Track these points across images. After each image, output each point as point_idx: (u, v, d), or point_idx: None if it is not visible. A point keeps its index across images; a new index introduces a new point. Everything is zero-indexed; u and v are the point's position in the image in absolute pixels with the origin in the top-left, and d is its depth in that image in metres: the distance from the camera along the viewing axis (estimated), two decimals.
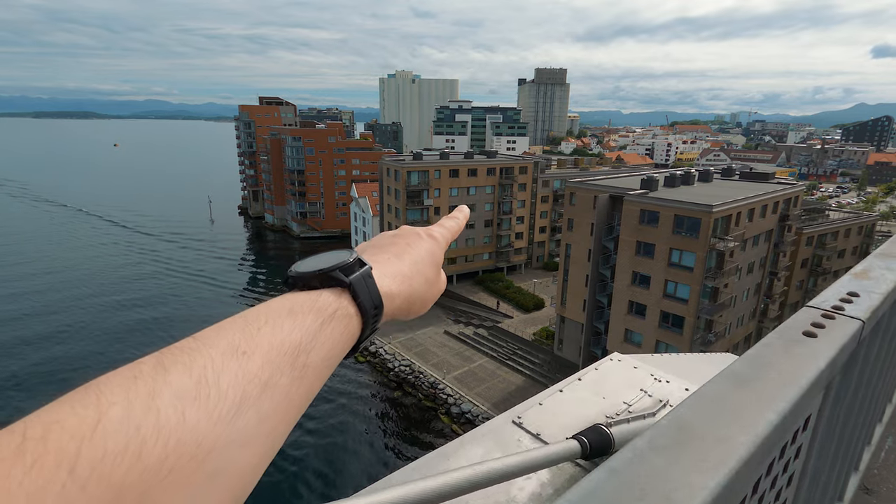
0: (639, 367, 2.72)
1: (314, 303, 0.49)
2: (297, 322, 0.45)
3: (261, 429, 0.37)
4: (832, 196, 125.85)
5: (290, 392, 0.41)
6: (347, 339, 0.51)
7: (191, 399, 0.33)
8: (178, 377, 0.34)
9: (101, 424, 0.29)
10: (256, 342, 0.40)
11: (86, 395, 0.31)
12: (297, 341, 0.43)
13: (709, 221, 30.91)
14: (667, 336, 33.93)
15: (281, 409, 0.39)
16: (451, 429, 38.95)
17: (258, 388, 0.38)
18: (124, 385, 0.32)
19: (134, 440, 0.29)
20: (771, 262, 40.63)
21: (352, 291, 0.53)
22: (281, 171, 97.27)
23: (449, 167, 57.69)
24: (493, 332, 50.27)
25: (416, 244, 0.68)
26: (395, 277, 0.61)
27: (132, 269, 72.88)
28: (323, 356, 0.46)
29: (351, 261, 0.55)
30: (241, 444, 0.35)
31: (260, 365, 0.39)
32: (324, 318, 0.48)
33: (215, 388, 0.35)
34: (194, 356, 0.36)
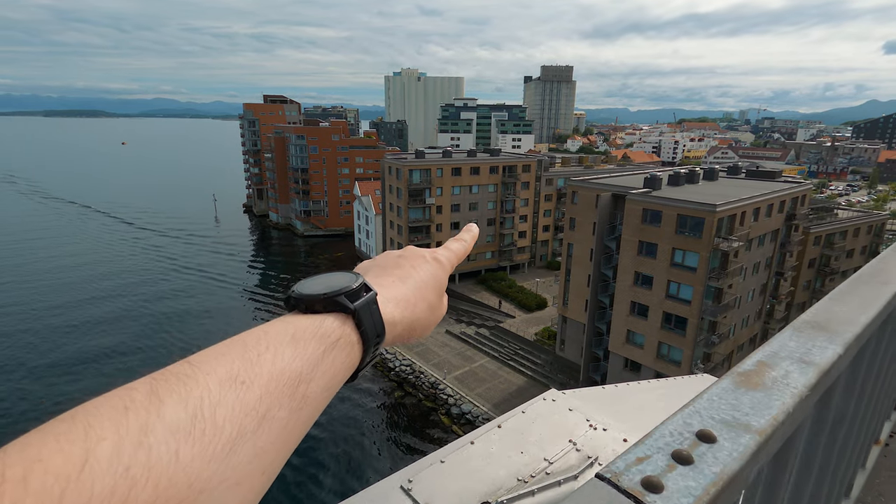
0: (575, 408, 2.34)
1: (317, 329, 0.47)
2: (298, 350, 0.43)
3: (255, 465, 0.35)
4: (842, 194, 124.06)
5: (287, 424, 0.39)
6: (348, 367, 0.50)
7: (185, 435, 0.31)
8: (173, 410, 0.31)
9: (88, 464, 0.26)
10: (256, 371, 0.38)
11: (73, 428, 0.28)
12: (298, 371, 0.42)
13: (712, 221, 30.33)
14: (669, 337, 33.42)
15: (278, 442, 0.37)
16: (452, 429, 38.67)
17: (255, 421, 0.35)
18: (114, 417, 0.29)
19: (123, 482, 0.27)
20: (777, 263, 39.92)
21: (356, 318, 0.51)
22: (285, 170, 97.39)
23: (451, 165, 57.29)
24: (495, 332, 49.91)
25: (420, 267, 0.66)
26: (399, 303, 0.59)
27: (137, 264, 73.39)
28: (323, 386, 0.44)
29: (356, 287, 0.53)
30: (234, 482, 0.33)
31: (259, 396, 0.37)
32: (326, 346, 0.46)
33: (211, 422, 0.33)
34: (190, 385, 0.34)
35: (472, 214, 60.21)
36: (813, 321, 0.93)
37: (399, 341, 0.61)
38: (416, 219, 57.16)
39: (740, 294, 35.42)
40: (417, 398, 42.53)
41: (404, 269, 0.65)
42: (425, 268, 0.67)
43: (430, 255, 0.71)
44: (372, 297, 0.53)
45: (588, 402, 2.49)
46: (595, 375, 39.34)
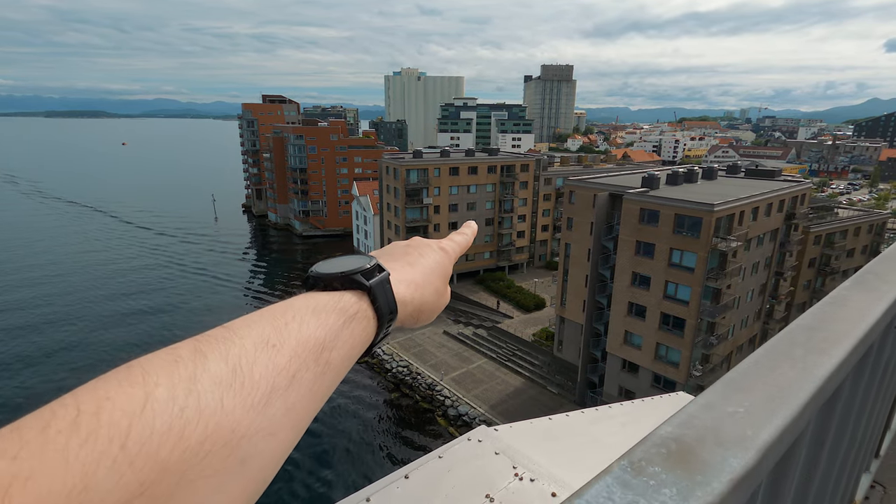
0: (504, 451, 2.00)
1: (336, 303, 0.51)
2: (321, 320, 0.47)
3: (287, 419, 0.39)
4: (843, 193, 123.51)
5: (313, 386, 0.43)
6: (364, 340, 0.54)
7: (227, 386, 0.35)
8: (216, 364, 0.36)
9: (148, 403, 0.30)
10: (284, 336, 0.42)
11: (131, 374, 0.32)
12: (322, 338, 0.46)
13: (710, 221, 29.98)
14: (667, 338, 33.08)
15: (305, 401, 0.42)
16: (448, 431, 38.38)
17: (286, 380, 0.40)
18: (166, 368, 0.34)
19: (178, 421, 0.31)
20: (777, 262, 39.55)
21: (371, 295, 0.55)
22: (284, 170, 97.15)
23: (449, 165, 56.97)
24: (493, 333, 49.60)
25: (427, 255, 0.71)
26: (409, 285, 0.63)
27: (137, 264, 73.31)
28: (343, 355, 0.48)
29: (370, 266, 0.57)
30: (269, 432, 0.37)
31: (288, 358, 0.41)
32: (345, 318, 0.50)
33: (249, 377, 0.37)
34: (229, 345, 0.38)
35: (471, 214, 59.86)
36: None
37: (408, 322, 0.66)
38: (414, 219, 56.87)
39: (739, 294, 35.06)
40: (414, 399, 42.24)
41: (412, 255, 0.70)
42: (432, 255, 0.72)
43: (436, 245, 0.76)
44: (385, 277, 0.58)
45: (525, 439, 2.15)
46: (593, 376, 39.04)
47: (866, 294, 1.00)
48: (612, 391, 36.89)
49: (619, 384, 36.45)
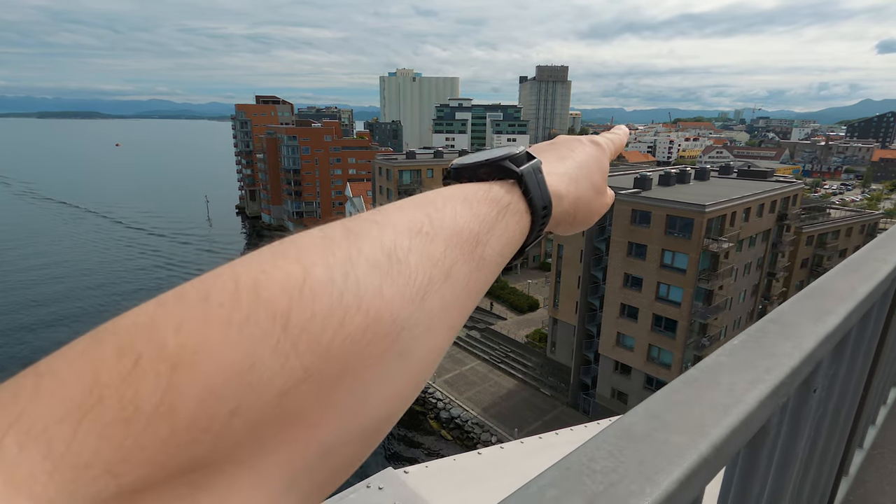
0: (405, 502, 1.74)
1: (487, 193, 0.44)
2: (473, 210, 0.41)
3: (443, 317, 0.34)
4: (836, 193, 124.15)
5: (468, 283, 0.38)
6: (519, 236, 0.46)
7: (384, 273, 0.30)
8: (370, 248, 0.31)
9: (307, 284, 0.27)
10: (437, 225, 0.37)
11: (284, 250, 0.29)
12: (476, 231, 0.40)
13: (702, 222, 29.89)
14: (659, 340, 32.96)
15: (460, 299, 0.37)
16: (441, 434, 38.14)
17: (442, 273, 0.35)
18: (320, 249, 0.29)
19: (338, 306, 0.27)
20: (769, 263, 39.55)
21: (522, 185, 0.47)
22: (277, 171, 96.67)
23: (442, 166, 56.56)
24: (486, 335, 49.38)
25: (579, 149, 0.61)
26: (562, 177, 0.54)
27: (130, 265, 72.78)
28: (497, 251, 0.42)
29: (519, 153, 0.49)
30: (426, 327, 0.32)
31: (443, 250, 0.36)
32: (498, 209, 0.43)
33: (406, 265, 0.32)
34: (382, 230, 0.33)
35: None
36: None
37: (565, 222, 0.56)
38: None
39: (731, 295, 35.01)
40: None
41: (562, 150, 0.60)
42: (584, 149, 0.62)
43: (587, 139, 0.65)
44: (537, 165, 0.49)
45: (440, 483, 1.88)
46: (586, 378, 38.87)
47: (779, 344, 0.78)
48: (605, 393, 36.74)
49: (612, 386, 36.30)
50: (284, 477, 0.24)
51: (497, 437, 35.97)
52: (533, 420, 37.67)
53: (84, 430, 0.19)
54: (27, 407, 0.19)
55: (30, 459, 0.18)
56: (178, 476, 0.20)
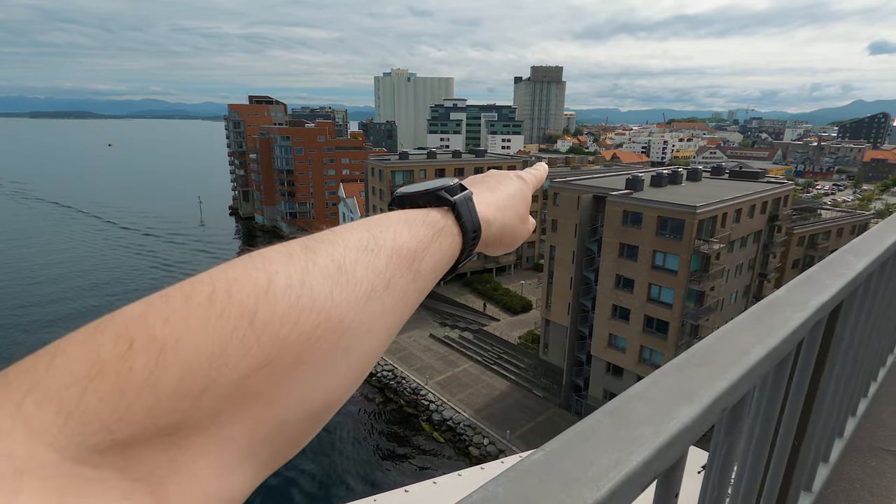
0: None
1: (425, 217, 0.53)
2: (412, 231, 0.49)
3: (383, 319, 0.42)
4: (828, 194, 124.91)
5: (405, 293, 0.45)
6: (451, 255, 0.54)
7: (334, 281, 0.38)
8: (324, 261, 0.39)
9: (270, 289, 0.33)
10: (381, 244, 0.45)
11: (254, 261, 0.36)
12: (413, 248, 0.47)
13: (693, 223, 29.87)
14: (651, 341, 32.91)
15: (398, 306, 0.44)
16: (433, 437, 37.92)
17: (383, 283, 0.42)
18: (282, 260, 0.37)
19: (295, 307, 0.34)
20: (760, 264, 39.63)
21: (455, 211, 0.56)
22: (270, 171, 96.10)
23: (434, 166, 56.62)
24: (479, 336, 49.22)
25: (506, 182, 0.71)
26: (490, 206, 0.64)
27: (122, 265, 72.10)
28: (431, 267, 0.50)
29: (453, 184, 0.59)
30: (368, 328, 0.39)
31: (385, 264, 0.43)
32: (434, 231, 0.52)
33: (352, 275, 0.40)
34: (335, 246, 0.41)
35: None
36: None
37: (492, 245, 0.65)
38: None
39: (723, 296, 35.03)
40: (399, 404, 41.73)
41: (491, 182, 0.70)
42: (511, 183, 0.72)
43: (514, 174, 0.75)
44: (469, 195, 0.59)
45: None
46: (578, 380, 38.79)
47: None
48: (598, 394, 36.67)
49: (604, 387, 36.23)
50: (245, 444, 0.31)
51: (489, 440, 35.80)
52: (525, 422, 37.54)
53: (88, 394, 0.25)
54: (44, 376, 0.25)
55: (45, 414, 0.24)
56: (160, 436, 0.26)
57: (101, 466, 0.24)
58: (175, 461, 0.27)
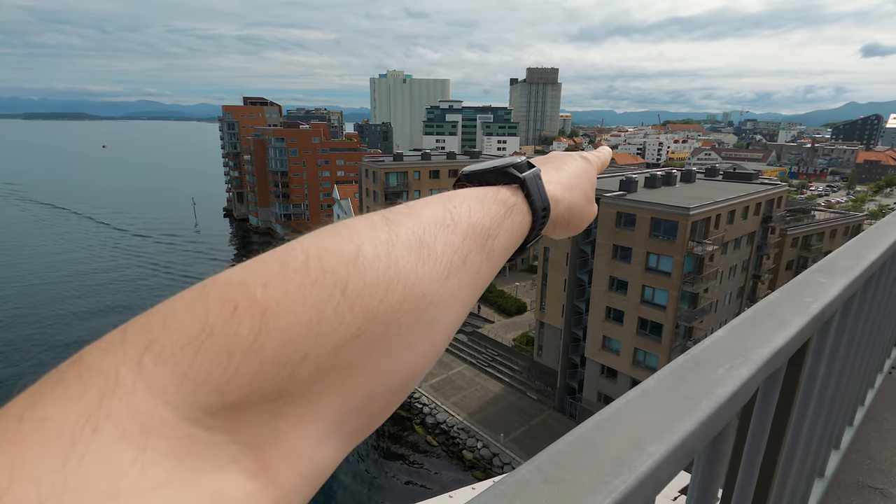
0: None
1: (496, 194, 0.52)
2: (485, 209, 0.48)
3: (459, 296, 0.41)
4: (822, 195, 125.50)
5: (480, 270, 0.44)
6: (521, 233, 0.54)
7: (416, 255, 0.37)
8: (406, 234, 0.38)
9: (358, 259, 0.33)
10: (457, 219, 0.44)
11: (340, 231, 0.36)
12: (487, 226, 0.47)
13: (686, 224, 29.74)
14: (645, 344, 32.75)
15: (473, 282, 0.43)
16: (426, 440, 37.63)
17: (461, 259, 0.42)
18: (367, 231, 0.37)
19: (383, 279, 0.34)
20: (754, 265, 39.57)
21: (524, 189, 0.55)
22: (265, 173, 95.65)
23: (429, 168, 56.39)
24: (473, 338, 48.96)
25: (571, 163, 0.70)
26: (559, 185, 0.63)
27: (115, 267, 71.55)
28: (503, 244, 0.49)
29: (521, 161, 0.58)
30: (447, 304, 0.39)
31: (462, 240, 0.43)
32: (506, 209, 0.51)
33: (433, 250, 0.39)
34: (414, 220, 0.41)
35: None
36: None
37: (560, 225, 0.64)
38: None
39: (717, 298, 34.93)
40: None
41: (556, 163, 0.69)
42: (576, 163, 0.71)
43: (578, 155, 0.74)
44: (537, 172, 0.58)
45: None
46: (572, 382, 38.59)
47: None
48: (592, 397, 36.48)
49: (598, 390, 36.04)
50: (337, 414, 0.31)
51: (483, 443, 35.54)
52: (519, 425, 37.31)
53: (201, 355, 0.25)
54: (158, 335, 0.26)
55: (163, 373, 0.24)
56: (265, 401, 0.27)
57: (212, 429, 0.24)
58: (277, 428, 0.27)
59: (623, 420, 0.62)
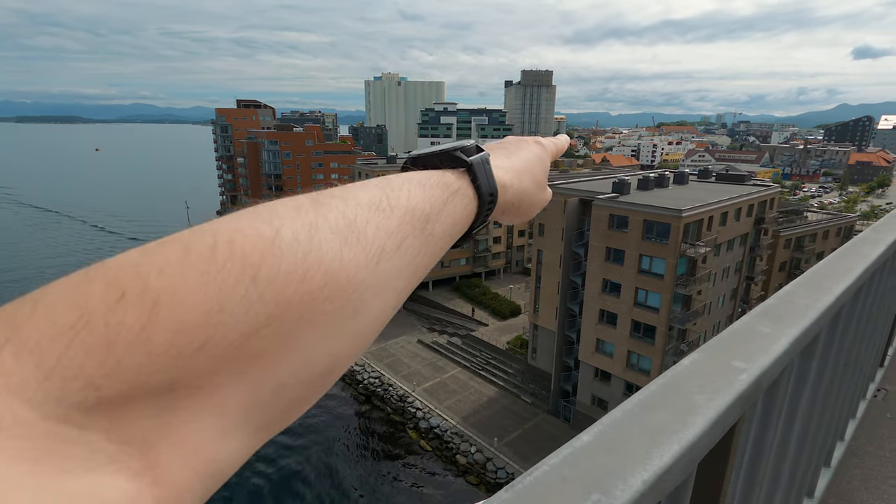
0: None
1: (440, 178, 0.50)
2: (426, 192, 0.47)
3: (392, 283, 0.39)
4: (814, 196, 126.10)
5: (417, 255, 0.43)
6: (466, 218, 0.53)
7: (343, 239, 0.35)
8: (334, 217, 0.36)
9: (275, 243, 0.31)
10: (394, 203, 0.43)
11: (260, 213, 0.33)
12: (427, 211, 0.46)
13: (678, 226, 29.63)
14: (638, 346, 32.60)
15: (409, 268, 0.42)
16: (420, 445, 37.28)
17: (395, 244, 0.40)
18: (290, 214, 0.34)
19: (301, 264, 0.31)
20: (747, 267, 39.54)
21: (471, 173, 0.54)
22: (258, 176, 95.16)
23: None
24: (467, 341, 48.70)
25: (525, 148, 0.69)
26: (508, 171, 0.61)
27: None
28: (445, 229, 0.48)
29: (469, 145, 0.57)
30: (376, 291, 0.37)
31: (398, 224, 0.41)
32: (448, 193, 0.50)
33: (363, 234, 0.37)
34: (346, 203, 0.39)
35: None
36: None
37: (509, 212, 0.63)
38: None
39: (710, 300, 34.83)
40: (385, 412, 41.05)
41: (509, 148, 0.68)
42: (529, 148, 0.70)
43: (532, 140, 0.73)
44: (486, 156, 0.56)
45: None
46: (566, 385, 38.38)
47: None
48: (586, 400, 36.28)
49: (592, 393, 35.85)
50: (241, 407, 0.28)
51: (476, 447, 35.24)
52: (513, 429, 37.04)
53: (74, 347, 0.22)
54: (23, 325, 0.22)
55: (24, 368, 0.21)
56: (152, 396, 0.24)
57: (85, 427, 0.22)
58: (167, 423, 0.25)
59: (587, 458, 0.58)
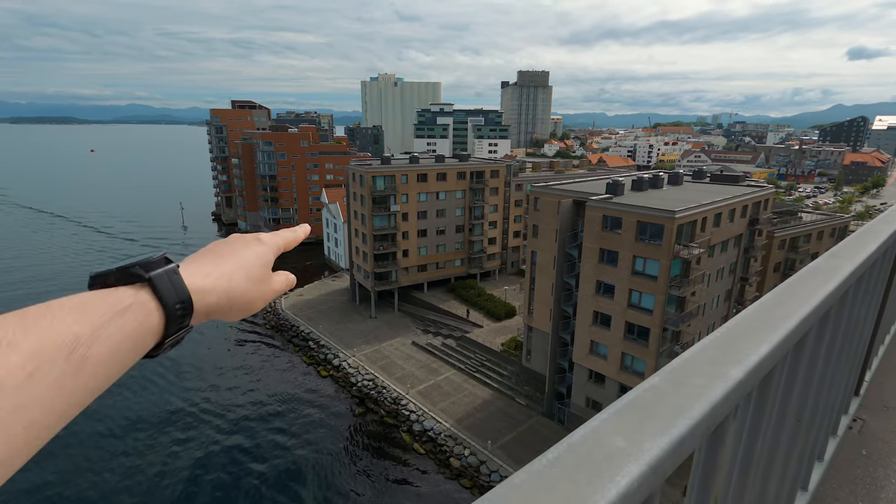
0: None
1: (106, 297, 0.50)
2: (83, 316, 0.46)
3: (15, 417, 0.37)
4: (810, 196, 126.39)
5: (62, 384, 0.41)
6: (143, 333, 0.52)
7: None
8: None
9: None
10: (28, 334, 0.41)
11: None
12: (76, 334, 0.44)
13: (672, 228, 29.46)
14: (632, 348, 32.41)
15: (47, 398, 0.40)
16: (413, 448, 36.98)
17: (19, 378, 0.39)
18: None
19: None
20: (742, 268, 39.41)
21: (152, 286, 0.54)
22: (253, 177, 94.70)
23: (416, 171, 55.83)
24: (462, 343, 48.44)
25: (242, 247, 0.72)
26: (210, 275, 0.63)
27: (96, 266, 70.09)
28: (109, 349, 0.47)
29: (154, 259, 0.58)
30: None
31: (26, 357, 0.40)
32: (115, 312, 0.49)
33: None
34: None
35: (440, 221, 58.74)
36: None
37: (221, 312, 0.65)
38: (381, 227, 55.51)
39: (704, 301, 34.68)
40: (379, 415, 40.75)
41: (222, 250, 0.71)
42: (248, 246, 0.73)
43: (252, 237, 0.76)
44: (172, 268, 0.57)
45: None
46: (561, 387, 38.16)
47: None
48: (580, 402, 36.07)
49: (587, 395, 35.64)
50: None
51: (470, 450, 34.97)
52: (507, 431, 36.80)
53: None
54: None
55: None
56: None
57: None
58: None
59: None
